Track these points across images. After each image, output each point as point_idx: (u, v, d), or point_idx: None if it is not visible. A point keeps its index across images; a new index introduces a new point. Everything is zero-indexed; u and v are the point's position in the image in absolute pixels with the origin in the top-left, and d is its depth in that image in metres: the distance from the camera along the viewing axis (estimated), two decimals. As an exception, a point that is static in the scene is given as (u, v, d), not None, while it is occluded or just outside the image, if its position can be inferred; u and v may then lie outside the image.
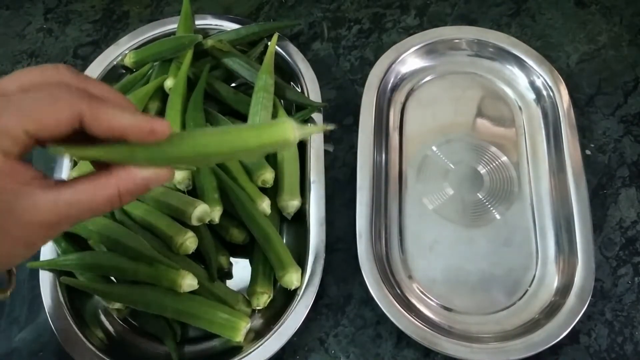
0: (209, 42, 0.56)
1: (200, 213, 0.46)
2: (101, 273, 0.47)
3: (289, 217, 0.51)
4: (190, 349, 0.48)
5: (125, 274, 0.46)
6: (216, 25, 0.62)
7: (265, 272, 0.49)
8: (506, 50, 0.60)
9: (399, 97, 0.60)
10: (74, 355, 0.44)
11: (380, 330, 0.49)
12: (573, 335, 0.48)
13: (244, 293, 0.49)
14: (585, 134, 0.58)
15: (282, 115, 0.54)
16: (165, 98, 0.54)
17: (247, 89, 0.56)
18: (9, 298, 0.41)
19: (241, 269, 0.51)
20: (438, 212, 0.53)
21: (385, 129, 0.57)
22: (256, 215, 0.48)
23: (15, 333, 0.50)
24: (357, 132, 0.54)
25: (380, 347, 0.48)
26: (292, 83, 0.59)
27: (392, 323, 0.45)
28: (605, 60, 0.63)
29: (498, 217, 0.53)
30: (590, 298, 0.46)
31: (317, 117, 0.55)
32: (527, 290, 0.49)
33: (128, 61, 0.59)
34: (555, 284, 0.49)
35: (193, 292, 0.45)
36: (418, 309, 0.48)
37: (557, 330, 0.45)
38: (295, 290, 0.47)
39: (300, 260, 0.48)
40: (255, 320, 0.48)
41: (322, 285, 0.47)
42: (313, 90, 0.57)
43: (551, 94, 0.57)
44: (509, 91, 0.60)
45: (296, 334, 0.45)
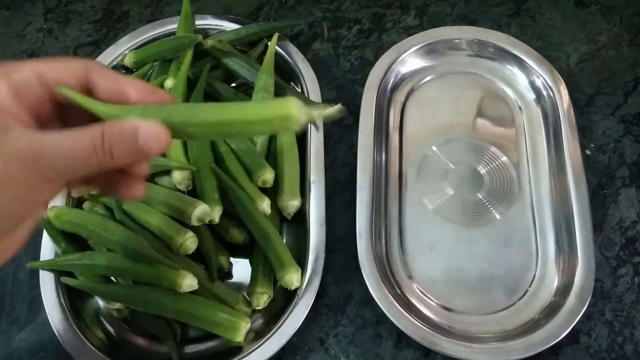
0: (209, 42, 0.56)
1: (200, 213, 0.46)
2: (101, 273, 0.47)
3: (289, 217, 0.51)
4: (190, 349, 0.48)
5: (125, 274, 0.46)
6: (216, 25, 0.62)
7: (265, 272, 0.49)
8: (506, 50, 0.60)
9: (399, 97, 0.60)
10: (74, 355, 0.44)
11: (380, 330, 0.49)
12: (573, 336, 0.48)
13: (244, 293, 0.49)
14: (585, 134, 0.58)
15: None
16: (165, 98, 0.54)
17: (247, 89, 0.56)
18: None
19: (241, 269, 0.51)
20: (438, 212, 0.53)
21: (385, 129, 0.57)
22: (256, 215, 0.48)
23: (15, 333, 0.50)
24: (357, 132, 0.54)
25: (380, 347, 0.48)
26: (292, 83, 0.59)
27: (392, 323, 0.45)
28: (605, 60, 0.63)
29: (498, 217, 0.53)
30: (590, 298, 0.46)
31: (317, 117, 0.54)
32: (527, 290, 0.49)
33: (128, 61, 0.59)
34: (555, 284, 0.49)
35: (193, 292, 0.45)
36: (418, 309, 0.48)
37: (557, 330, 0.45)
38: (295, 290, 0.47)
39: (300, 260, 0.48)
40: (255, 320, 0.48)
41: (322, 285, 0.47)
42: (313, 90, 0.57)
43: (551, 94, 0.57)
44: (509, 91, 0.60)
45: (296, 334, 0.45)
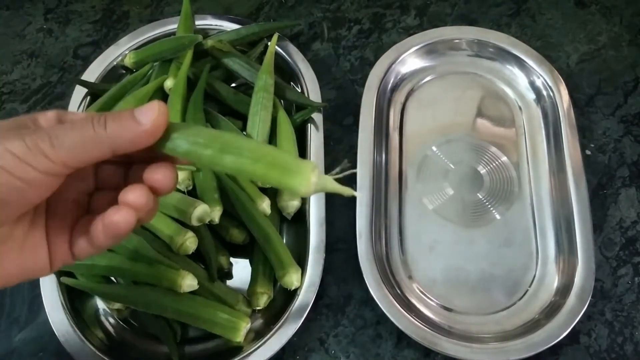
0: (209, 42, 0.56)
1: (200, 213, 0.46)
2: (101, 273, 0.47)
3: (289, 217, 0.51)
4: (191, 349, 0.48)
5: (125, 274, 0.46)
6: (216, 25, 0.62)
7: (265, 272, 0.49)
8: (506, 50, 0.60)
9: (399, 97, 0.60)
10: (74, 355, 0.44)
11: (381, 330, 0.49)
12: (573, 336, 0.48)
13: (244, 293, 0.49)
14: (585, 134, 0.58)
15: (283, 117, 0.54)
16: (165, 98, 0.54)
17: (247, 89, 0.56)
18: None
19: (241, 269, 0.51)
20: (438, 212, 0.53)
21: (385, 129, 0.57)
22: (256, 215, 0.48)
23: (15, 333, 0.50)
24: (357, 132, 0.54)
25: (380, 347, 0.48)
26: (292, 83, 0.59)
27: (392, 323, 0.45)
28: (605, 60, 0.63)
29: (498, 217, 0.53)
30: (590, 298, 0.46)
31: (317, 117, 0.55)
32: (527, 291, 0.49)
33: (128, 61, 0.59)
34: (555, 284, 0.49)
35: (193, 292, 0.45)
36: (418, 309, 0.48)
37: (557, 330, 0.45)
38: (295, 290, 0.47)
39: (300, 260, 0.48)
40: (255, 320, 0.48)
41: (322, 285, 0.47)
42: (313, 90, 0.57)
43: (551, 94, 0.57)
44: (509, 91, 0.60)
45: (296, 334, 0.45)
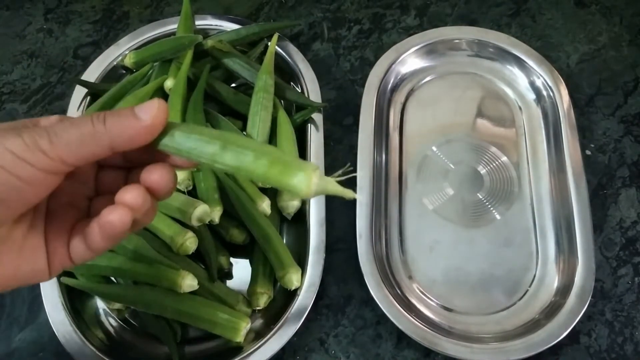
0: (209, 43, 0.56)
1: (200, 213, 0.46)
2: (101, 273, 0.47)
3: (289, 217, 0.51)
4: (191, 349, 0.48)
5: (125, 274, 0.46)
6: (216, 25, 0.62)
7: (266, 272, 0.49)
8: (506, 50, 0.60)
9: (399, 98, 0.60)
10: (74, 355, 0.44)
11: (381, 330, 0.49)
12: (573, 336, 0.48)
13: (244, 293, 0.49)
14: (585, 134, 0.58)
15: (283, 118, 0.54)
16: (165, 98, 0.54)
17: (247, 89, 0.56)
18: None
19: (241, 269, 0.51)
20: (438, 212, 0.53)
21: (385, 129, 0.57)
22: (256, 215, 0.48)
23: (16, 333, 0.50)
24: (357, 132, 0.54)
25: (380, 347, 0.48)
26: (292, 83, 0.59)
27: (392, 323, 0.45)
28: (606, 61, 0.63)
29: (498, 217, 0.53)
30: (590, 298, 0.46)
31: (317, 117, 0.55)
32: (527, 291, 0.49)
33: (128, 61, 0.59)
34: (556, 284, 0.49)
35: (193, 293, 0.45)
36: (418, 309, 0.48)
37: (557, 330, 0.45)
38: (295, 290, 0.47)
39: (300, 261, 0.48)
40: (256, 320, 0.48)
41: (322, 286, 0.47)
42: (313, 90, 0.57)
43: (551, 94, 0.57)
44: (509, 91, 0.60)
45: (296, 334, 0.45)
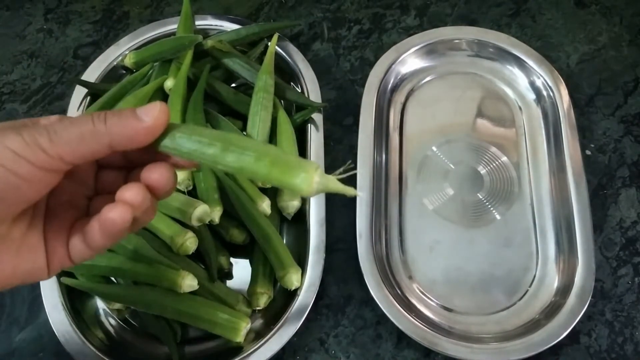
0: (209, 43, 0.56)
1: (200, 213, 0.46)
2: (101, 273, 0.47)
3: (289, 217, 0.51)
4: (191, 349, 0.48)
5: (125, 274, 0.46)
6: (216, 25, 0.62)
7: (266, 272, 0.49)
8: (506, 50, 0.60)
9: (399, 98, 0.60)
10: (74, 355, 0.44)
11: (381, 330, 0.49)
12: (573, 336, 0.48)
13: (244, 293, 0.49)
14: (585, 134, 0.58)
15: (283, 118, 0.54)
16: (165, 98, 0.54)
17: (247, 89, 0.56)
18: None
19: (241, 269, 0.51)
20: (438, 212, 0.53)
21: (385, 130, 0.57)
22: (256, 215, 0.48)
23: (16, 333, 0.50)
24: (357, 132, 0.54)
25: (380, 347, 0.48)
26: (292, 83, 0.59)
27: (393, 323, 0.45)
28: (606, 61, 0.63)
29: (498, 217, 0.53)
30: (590, 298, 0.46)
31: (317, 117, 0.55)
32: (527, 291, 0.49)
33: (128, 62, 0.59)
34: (556, 284, 0.49)
35: (193, 293, 0.45)
36: (418, 310, 0.48)
37: (558, 330, 0.45)
38: (296, 290, 0.47)
39: (300, 261, 0.48)
40: (256, 320, 0.48)
41: (322, 286, 0.47)
42: (313, 90, 0.57)
43: (551, 94, 0.57)
44: (509, 91, 0.60)
45: (296, 335, 0.45)
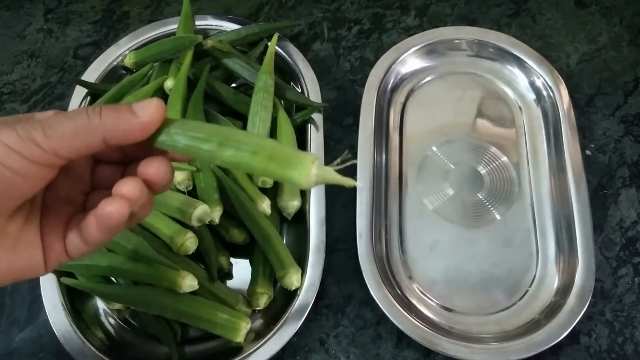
0: (209, 43, 0.56)
1: (200, 213, 0.46)
2: (101, 273, 0.47)
3: (289, 217, 0.51)
4: (191, 349, 0.48)
5: (126, 274, 0.46)
6: (216, 25, 0.62)
7: (266, 272, 0.49)
8: (506, 50, 0.60)
9: (399, 98, 0.60)
10: (74, 355, 0.44)
11: (381, 330, 0.49)
12: (573, 336, 0.48)
13: (244, 293, 0.49)
14: (586, 134, 0.58)
15: (283, 118, 0.54)
16: (165, 98, 0.54)
17: (247, 89, 0.56)
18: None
19: (241, 269, 0.51)
20: (438, 212, 0.53)
21: (385, 130, 0.57)
22: (256, 215, 0.48)
23: (16, 333, 0.50)
24: (357, 132, 0.54)
25: (380, 347, 0.48)
26: (292, 83, 0.59)
27: (393, 323, 0.45)
28: (606, 61, 0.63)
29: (498, 217, 0.53)
30: (590, 298, 0.46)
31: (317, 117, 0.55)
32: (527, 291, 0.49)
33: (128, 62, 0.59)
34: (556, 284, 0.49)
35: (193, 293, 0.45)
36: (418, 310, 0.48)
37: (558, 330, 0.45)
38: (296, 290, 0.47)
39: (301, 261, 0.48)
40: (256, 320, 0.48)
41: (322, 286, 0.47)
42: (313, 90, 0.57)
43: (551, 94, 0.57)
44: (509, 91, 0.60)
45: (296, 335, 0.45)
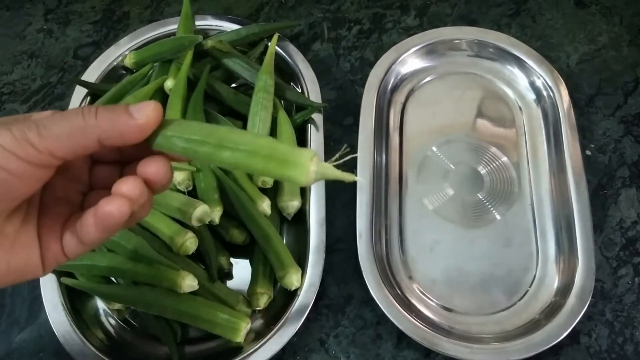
0: (209, 43, 0.56)
1: (200, 214, 0.46)
2: (101, 273, 0.47)
3: (289, 217, 0.51)
4: (191, 349, 0.48)
5: (126, 274, 0.46)
6: (216, 25, 0.62)
7: (266, 272, 0.49)
8: (506, 50, 0.60)
9: (399, 98, 0.60)
10: (74, 355, 0.44)
11: (381, 330, 0.49)
12: (573, 336, 0.48)
13: (244, 293, 0.49)
14: (586, 134, 0.58)
15: (283, 118, 0.54)
16: (165, 99, 0.54)
17: (247, 89, 0.56)
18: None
19: (241, 269, 0.51)
20: (438, 212, 0.53)
21: (385, 130, 0.57)
22: (256, 215, 0.48)
23: (16, 334, 0.50)
24: (357, 132, 0.54)
25: (380, 347, 0.48)
26: (292, 83, 0.59)
27: (393, 323, 0.45)
28: (606, 61, 0.63)
29: (498, 217, 0.53)
30: (590, 298, 0.46)
31: (317, 117, 0.55)
32: (527, 291, 0.49)
33: (128, 62, 0.59)
34: (556, 284, 0.49)
35: (193, 293, 0.45)
36: (418, 310, 0.48)
37: (558, 330, 0.45)
38: (296, 290, 0.47)
39: (301, 261, 0.48)
40: (256, 320, 0.48)
41: (322, 286, 0.47)
42: (313, 90, 0.57)
43: (551, 94, 0.57)
44: (509, 91, 0.60)
45: (296, 335, 0.45)
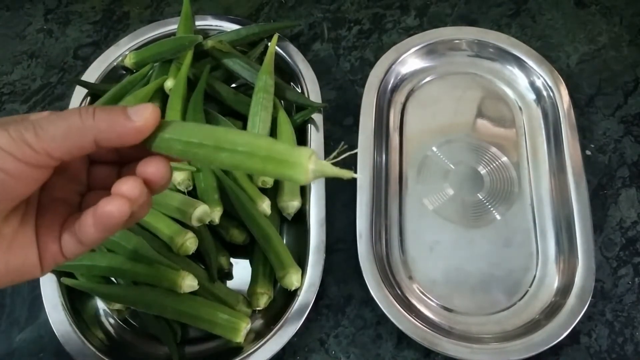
0: (209, 43, 0.56)
1: (200, 214, 0.46)
2: (101, 273, 0.47)
3: (289, 217, 0.51)
4: (191, 349, 0.48)
5: (126, 274, 0.46)
6: (216, 25, 0.62)
7: (266, 272, 0.49)
8: (506, 50, 0.60)
9: (399, 98, 0.60)
10: (74, 355, 0.44)
11: (381, 330, 0.49)
12: (573, 336, 0.48)
13: (244, 294, 0.49)
14: (586, 134, 0.58)
15: (283, 118, 0.54)
16: (165, 99, 0.54)
17: (247, 89, 0.56)
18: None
19: (241, 269, 0.51)
20: (438, 212, 0.53)
21: (385, 130, 0.57)
22: (256, 215, 0.48)
23: (16, 334, 0.50)
24: (357, 132, 0.54)
25: (380, 347, 0.48)
26: (292, 83, 0.59)
27: (393, 324, 0.45)
28: (606, 61, 0.63)
29: (498, 217, 0.53)
30: (590, 298, 0.46)
31: (317, 117, 0.55)
32: (527, 291, 0.49)
33: (128, 62, 0.59)
34: (556, 284, 0.49)
35: (193, 293, 0.45)
36: (418, 310, 0.48)
37: (558, 330, 0.45)
38: (296, 290, 0.47)
39: (301, 261, 0.48)
40: (256, 320, 0.48)
41: (322, 286, 0.47)
42: (313, 90, 0.57)
43: (551, 94, 0.57)
44: (509, 91, 0.60)
45: (296, 335, 0.45)
